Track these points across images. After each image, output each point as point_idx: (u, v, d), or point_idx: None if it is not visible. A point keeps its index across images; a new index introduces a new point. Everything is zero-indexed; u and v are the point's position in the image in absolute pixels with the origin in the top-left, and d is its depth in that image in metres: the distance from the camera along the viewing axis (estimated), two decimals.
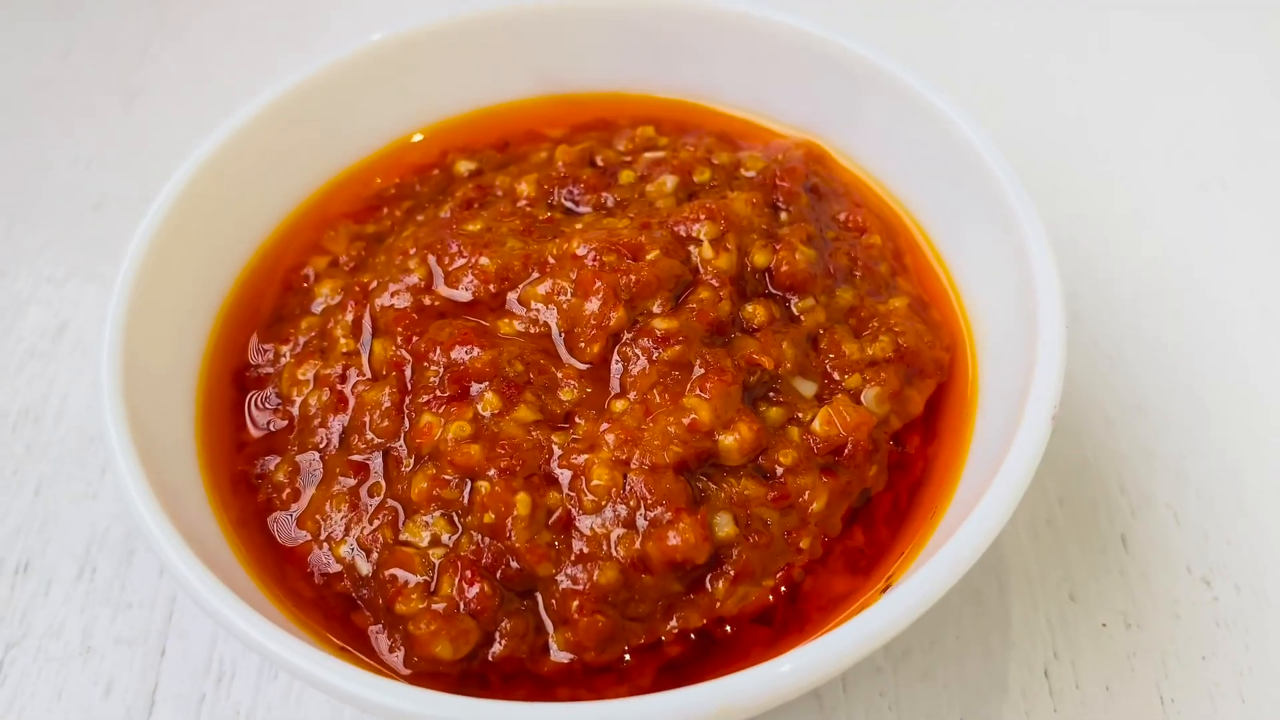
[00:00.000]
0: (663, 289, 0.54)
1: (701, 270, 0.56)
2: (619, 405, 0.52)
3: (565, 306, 0.55)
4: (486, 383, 0.52)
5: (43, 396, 0.69)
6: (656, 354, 0.52)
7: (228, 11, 0.97)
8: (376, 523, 0.51)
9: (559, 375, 0.53)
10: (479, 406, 0.52)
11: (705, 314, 0.54)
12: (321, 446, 0.54)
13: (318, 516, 0.52)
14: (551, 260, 0.56)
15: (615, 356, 0.53)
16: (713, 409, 0.51)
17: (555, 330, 0.55)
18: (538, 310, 0.55)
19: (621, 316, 0.53)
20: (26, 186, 0.82)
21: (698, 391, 0.51)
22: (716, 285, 0.55)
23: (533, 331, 0.55)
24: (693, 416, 0.50)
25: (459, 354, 0.53)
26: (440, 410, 0.52)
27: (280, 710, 0.56)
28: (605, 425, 0.51)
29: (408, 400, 0.53)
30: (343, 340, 0.57)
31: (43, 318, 0.74)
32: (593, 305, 0.54)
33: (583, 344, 0.53)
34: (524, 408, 0.52)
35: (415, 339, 0.55)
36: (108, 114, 0.88)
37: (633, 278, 0.54)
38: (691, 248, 0.56)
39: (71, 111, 0.88)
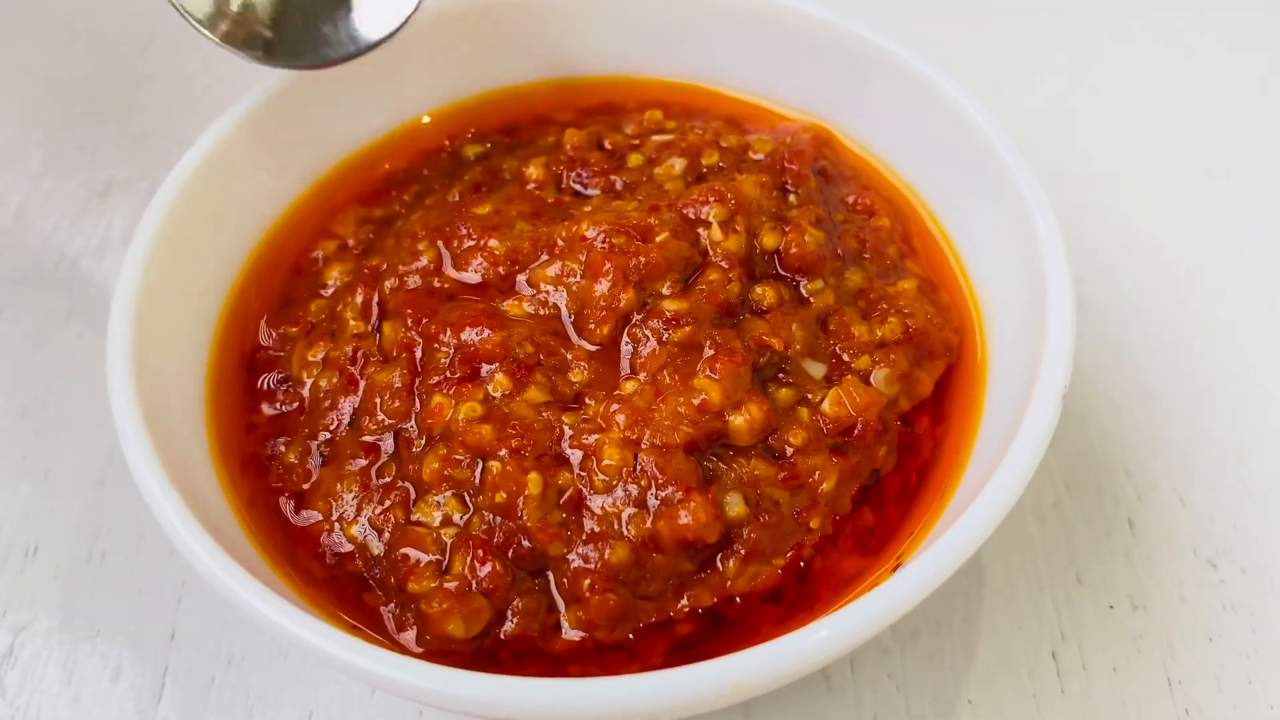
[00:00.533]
0: (672, 270, 0.54)
1: (710, 252, 0.56)
2: (629, 386, 0.52)
3: (575, 288, 0.55)
4: (497, 364, 0.52)
5: (51, 382, 0.69)
6: (666, 335, 0.53)
7: None
8: (388, 503, 0.51)
9: (569, 356, 0.53)
10: (489, 388, 0.52)
11: (715, 295, 0.54)
12: (332, 427, 0.54)
13: (329, 497, 0.52)
14: (560, 243, 0.56)
15: (625, 338, 0.54)
16: (722, 389, 0.51)
17: (565, 312, 0.55)
18: (547, 292, 0.55)
19: (631, 298, 0.53)
20: (32, 172, 0.82)
21: (707, 372, 0.51)
22: (726, 267, 0.55)
23: (542, 313, 0.55)
24: (703, 397, 0.51)
25: (469, 335, 0.53)
26: (451, 391, 0.52)
27: (290, 692, 0.56)
28: (616, 406, 0.51)
29: (418, 381, 0.53)
30: (352, 322, 0.57)
31: (49, 303, 0.74)
32: (602, 287, 0.54)
33: (593, 325, 0.54)
34: (534, 389, 0.52)
35: (425, 321, 0.55)
36: (113, 100, 0.88)
37: (642, 259, 0.54)
38: (700, 230, 0.56)
39: (77, 98, 0.88)
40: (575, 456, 0.50)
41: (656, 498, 0.49)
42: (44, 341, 0.71)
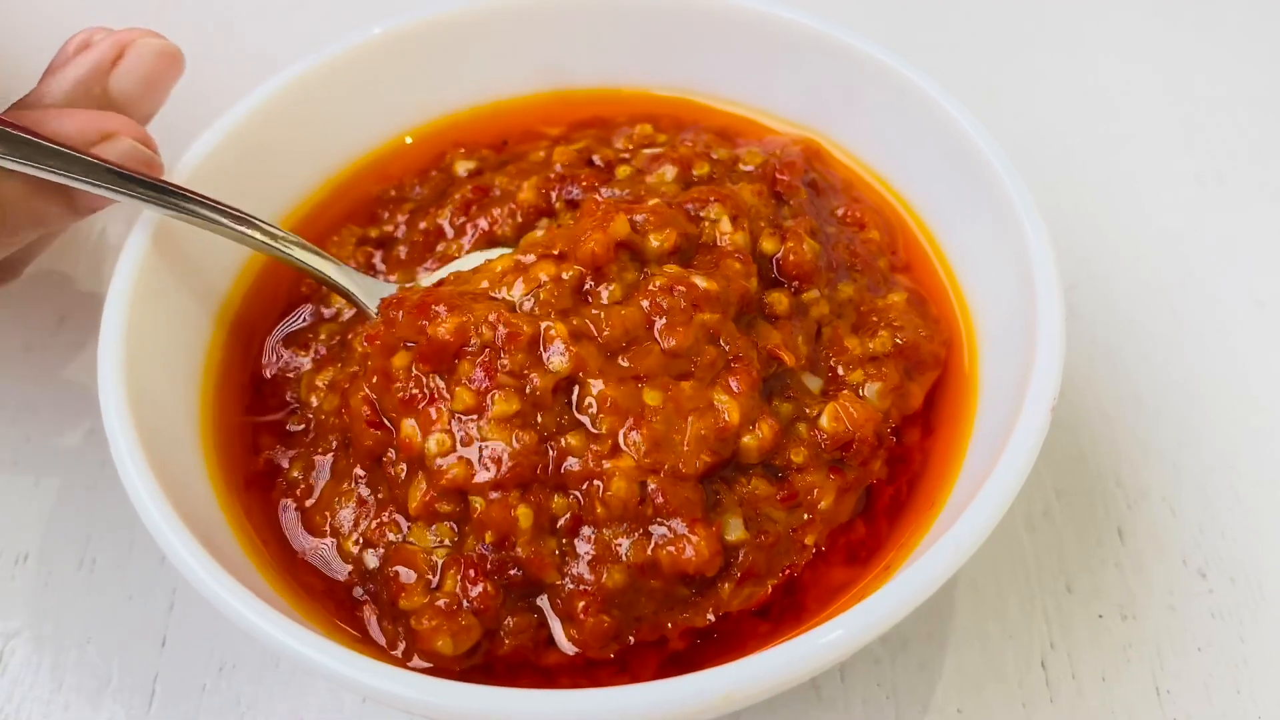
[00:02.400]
0: (669, 226, 0.53)
1: (719, 240, 0.55)
2: (652, 397, 0.49)
3: (562, 231, 0.53)
4: (454, 364, 0.49)
5: (41, 389, 0.69)
6: (692, 313, 0.51)
7: (226, 3, 0.97)
8: (382, 519, 0.51)
9: (551, 332, 0.49)
10: (451, 404, 0.48)
11: (738, 284, 0.53)
12: (334, 449, 0.54)
13: (326, 513, 0.52)
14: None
15: (645, 304, 0.51)
16: (741, 408, 0.49)
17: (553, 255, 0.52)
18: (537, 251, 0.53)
19: (622, 223, 0.51)
20: None
21: (730, 387, 0.50)
22: (741, 261, 0.54)
23: (541, 280, 0.51)
24: (724, 419, 0.49)
25: (423, 325, 0.50)
26: (416, 411, 0.49)
27: (281, 700, 0.56)
28: (629, 424, 0.48)
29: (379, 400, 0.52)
30: (360, 350, 0.56)
31: (41, 309, 0.73)
32: (591, 216, 0.52)
33: (583, 242, 0.51)
34: (501, 400, 0.48)
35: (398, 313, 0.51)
36: None
37: (637, 210, 0.53)
38: (705, 224, 0.56)
39: None
40: (574, 479, 0.48)
41: (660, 525, 0.48)
42: (35, 348, 0.71)
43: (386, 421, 0.51)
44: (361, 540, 0.51)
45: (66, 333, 0.72)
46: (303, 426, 0.56)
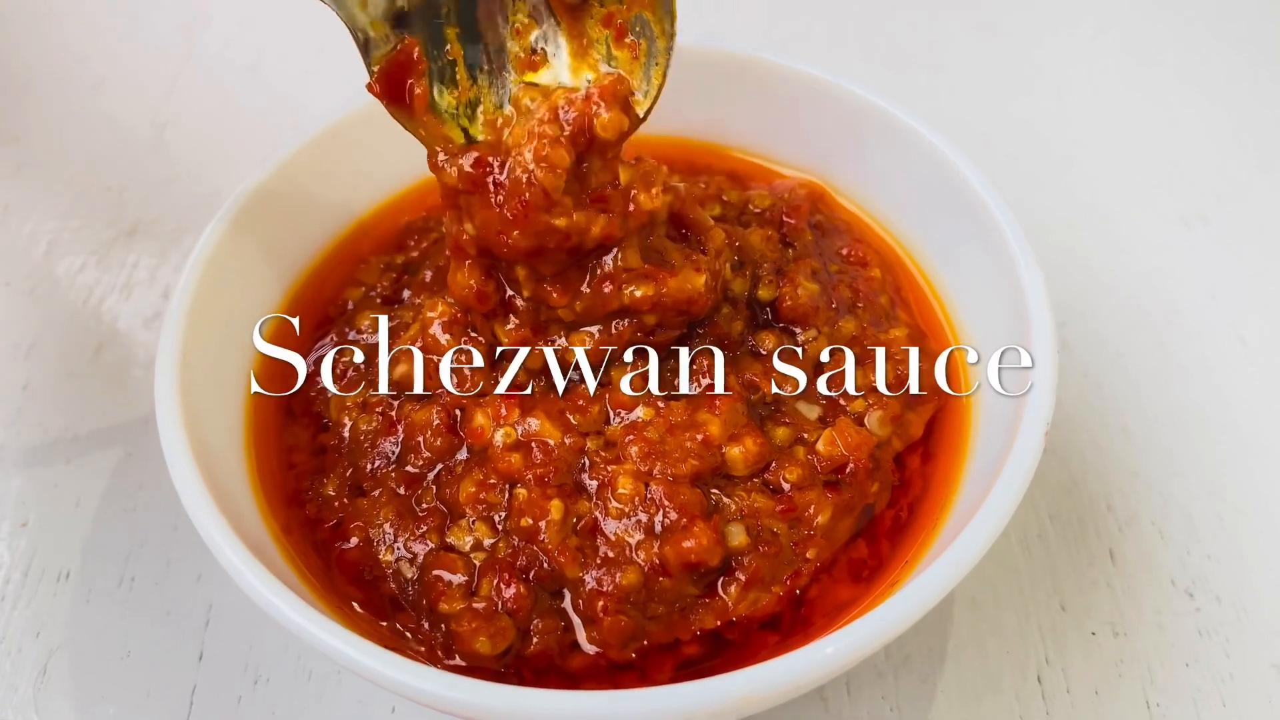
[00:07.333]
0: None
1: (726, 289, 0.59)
2: (645, 412, 0.55)
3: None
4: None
5: (81, 415, 0.72)
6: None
7: (254, 45, 1.01)
8: (424, 528, 0.54)
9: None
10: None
11: (723, 325, 0.58)
12: (375, 464, 0.57)
13: (368, 525, 0.55)
14: None
15: None
16: (722, 424, 0.55)
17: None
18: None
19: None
20: (62, 213, 0.85)
21: (709, 408, 0.55)
22: (732, 305, 0.59)
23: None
24: (705, 432, 0.54)
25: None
26: (485, 407, 0.56)
27: (313, 712, 0.59)
28: (630, 437, 0.54)
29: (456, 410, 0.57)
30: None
31: (79, 338, 0.77)
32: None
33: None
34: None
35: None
36: (139, 144, 0.91)
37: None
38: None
39: (104, 142, 0.91)
40: (593, 486, 0.54)
41: (664, 524, 0.52)
42: (73, 375, 0.74)
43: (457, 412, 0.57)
44: (400, 550, 0.54)
45: (103, 360, 0.75)
46: (335, 443, 0.59)
